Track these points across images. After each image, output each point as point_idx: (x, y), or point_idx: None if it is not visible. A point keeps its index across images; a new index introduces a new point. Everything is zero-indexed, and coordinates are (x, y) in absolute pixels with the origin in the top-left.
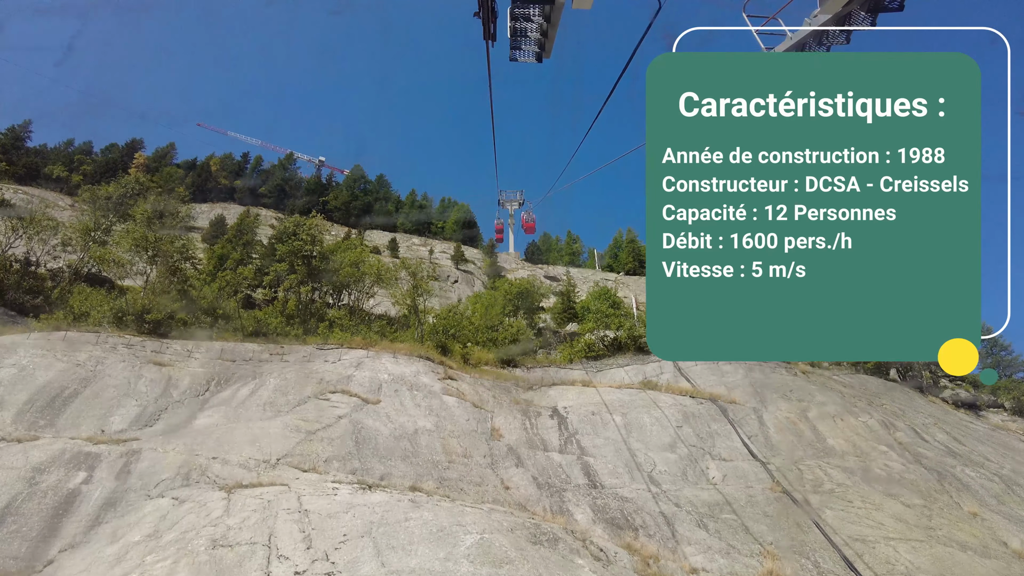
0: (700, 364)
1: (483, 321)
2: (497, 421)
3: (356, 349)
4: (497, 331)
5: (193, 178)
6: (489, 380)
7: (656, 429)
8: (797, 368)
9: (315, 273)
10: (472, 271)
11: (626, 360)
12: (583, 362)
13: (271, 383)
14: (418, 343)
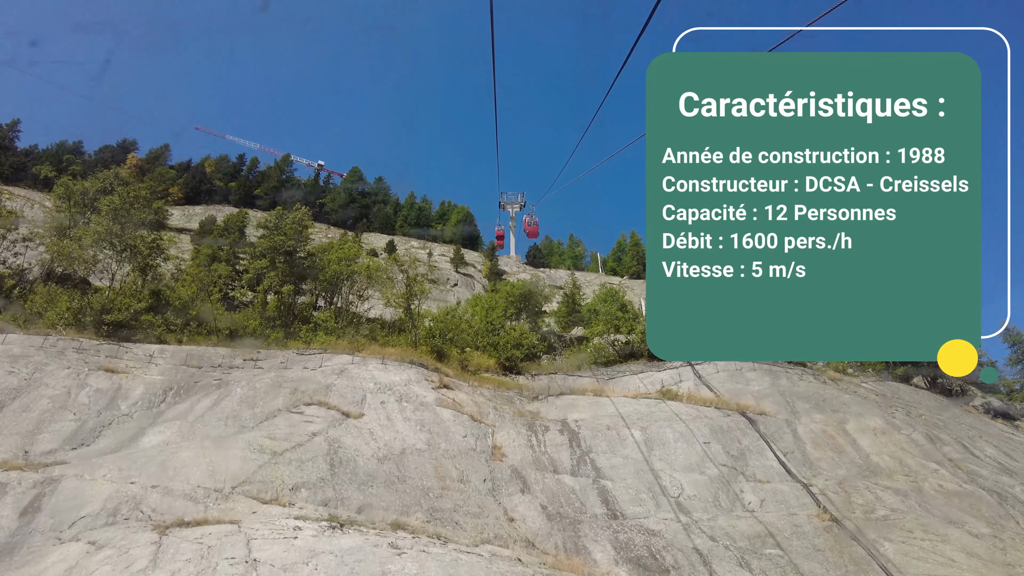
0: (722, 371)
1: (483, 324)
2: (499, 437)
3: (340, 354)
4: (498, 335)
5: (187, 180)
6: (489, 389)
7: (681, 446)
8: (825, 375)
9: (299, 271)
10: (472, 274)
11: (639, 367)
12: (593, 369)
13: (238, 393)
14: (411, 348)
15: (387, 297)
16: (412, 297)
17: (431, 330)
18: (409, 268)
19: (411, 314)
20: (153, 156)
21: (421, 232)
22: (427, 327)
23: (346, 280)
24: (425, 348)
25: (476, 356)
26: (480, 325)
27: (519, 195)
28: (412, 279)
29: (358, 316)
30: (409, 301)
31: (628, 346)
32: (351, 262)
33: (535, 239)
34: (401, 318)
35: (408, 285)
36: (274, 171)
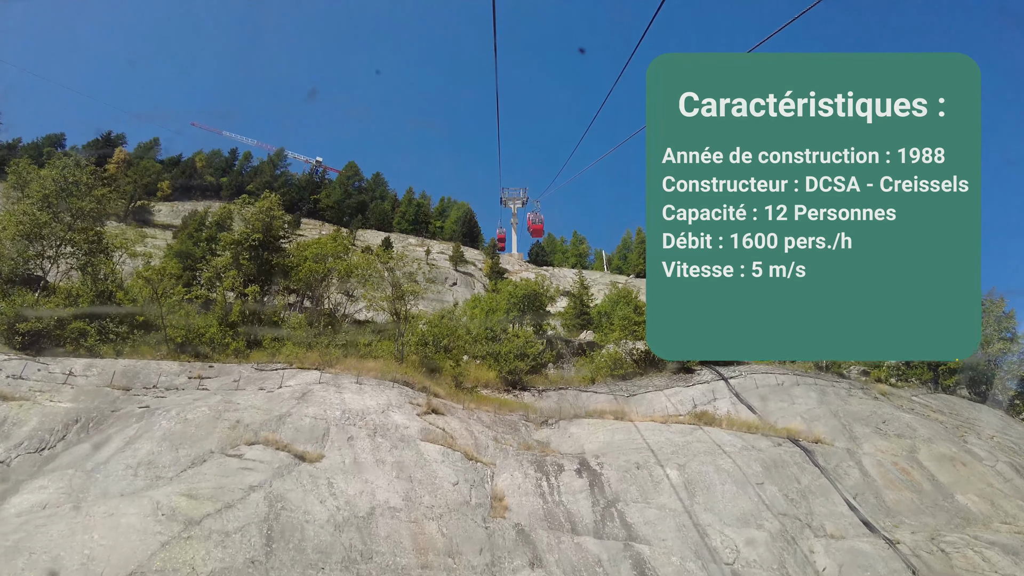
0: (762, 386)
1: (482, 329)
2: (501, 481)
3: (308, 370)
4: (500, 341)
5: (177, 175)
6: (489, 412)
7: (729, 488)
8: (875, 389)
9: (267, 270)
10: (472, 273)
11: (663, 380)
12: (608, 382)
13: (162, 427)
14: (396, 362)
15: (369, 299)
16: (400, 300)
17: (424, 335)
18: (396, 265)
19: (399, 320)
20: (142, 151)
21: (419, 229)
22: (421, 331)
23: (322, 280)
24: (415, 359)
25: (474, 369)
26: (479, 331)
27: (521, 191)
28: (399, 279)
29: (337, 321)
30: (396, 305)
31: (648, 355)
32: (330, 260)
33: (539, 238)
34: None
35: (395, 286)
36: (267, 166)
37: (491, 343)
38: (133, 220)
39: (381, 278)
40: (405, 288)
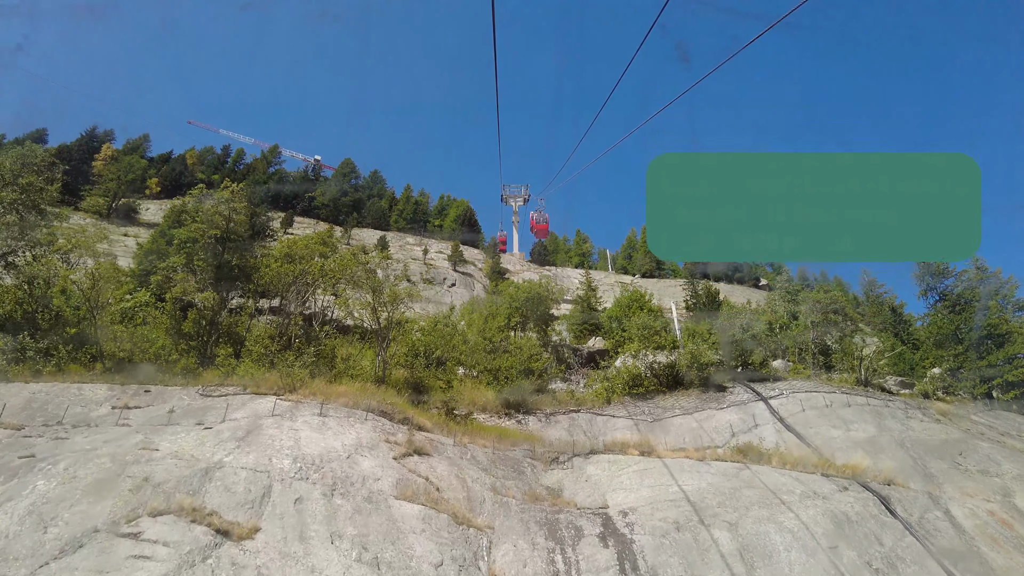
0: (808, 408)
1: (481, 337)
2: (500, 557)
3: (264, 396)
4: (501, 352)
5: (167, 172)
6: (487, 446)
7: (797, 557)
8: (933, 409)
9: (228, 272)
10: (472, 273)
11: (692, 401)
12: (627, 402)
13: (36, 490)
14: (375, 383)
15: (344, 306)
16: (383, 306)
17: (415, 345)
18: (378, 266)
19: (381, 332)
20: (131, 147)
21: (417, 228)
22: (412, 341)
23: (292, 284)
24: (401, 375)
25: (469, 387)
26: (477, 340)
27: (522, 187)
28: (380, 283)
29: (315, 331)
30: (379, 312)
31: (673, 371)
32: (305, 260)
33: (543, 239)
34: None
35: (376, 291)
36: (260, 163)
37: (490, 356)
38: (116, 218)
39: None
40: (389, 293)
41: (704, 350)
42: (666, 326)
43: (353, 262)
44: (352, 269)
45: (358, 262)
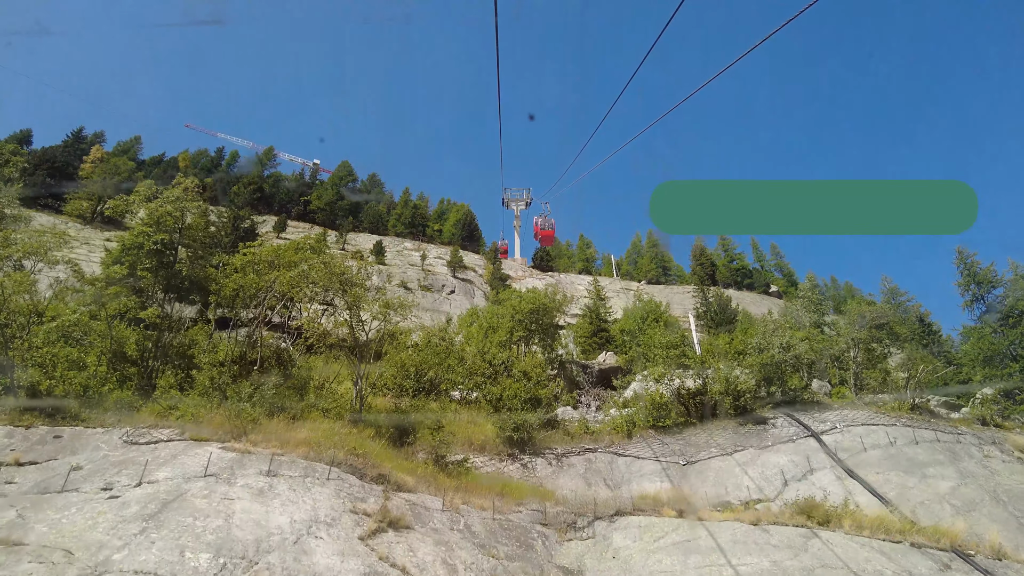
0: (871, 447)
1: (481, 358)
2: None
3: (204, 443)
4: (501, 373)
5: (157, 175)
6: (485, 511)
7: None
8: (1009, 444)
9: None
10: (472, 279)
11: (728, 436)
12: (650, 436)
13: None
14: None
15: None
16: (359, 326)
17: (404, 365)
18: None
19: (358, 348)
20: (122, 149)
21: (416, 232)
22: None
23: (254, 298)
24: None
25: (465, 419)
26: (474, 360)
27: (524, 191)
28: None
29: (285, 355)
30: (356, 331)
31: (703, 397)
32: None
33: (548, 245)
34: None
35: (352, 306)
36: (255, 166)
37: (490, 380)
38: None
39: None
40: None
41: (740, 374)
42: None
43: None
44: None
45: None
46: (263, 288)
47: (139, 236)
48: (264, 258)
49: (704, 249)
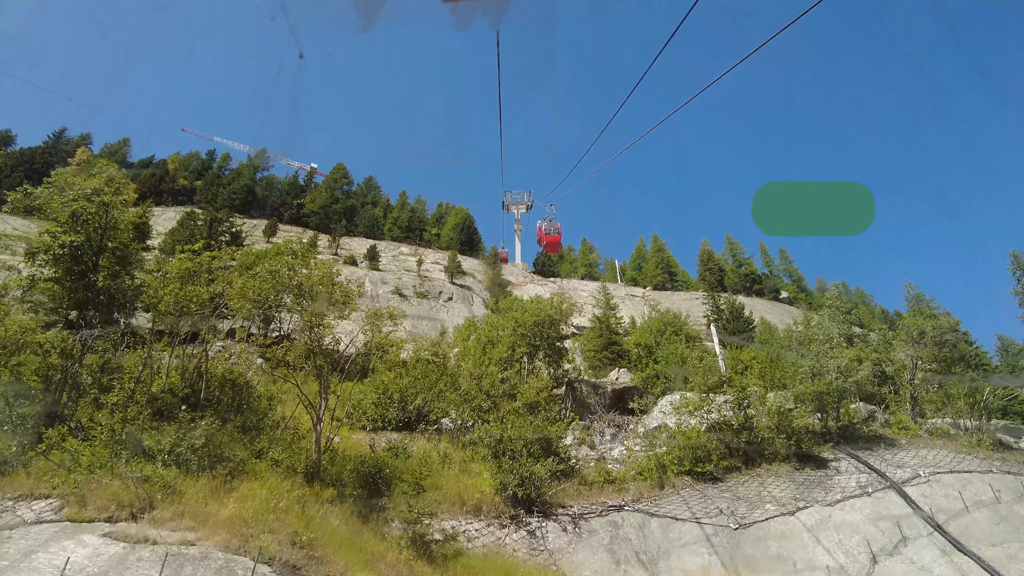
0: (967, 500)
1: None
2: None
3: (83, 527)
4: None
5: (145, 178)
6: None
7: None
8: None
9: (92, 299)
10: (471, 286)
11: (782, 485)
12: (687, 486)
13: None
14: (301, 478)
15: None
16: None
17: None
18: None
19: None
20: (109, 151)
21: (413, 237)
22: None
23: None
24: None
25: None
26: (470, 386)
27: (525, 194)
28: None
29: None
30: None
31: (748, 432)
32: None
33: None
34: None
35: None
36: (246, 168)
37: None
38: None
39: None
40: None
41: (794, 407)
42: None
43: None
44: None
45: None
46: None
47: (45, 240)
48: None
49: (711, 254)
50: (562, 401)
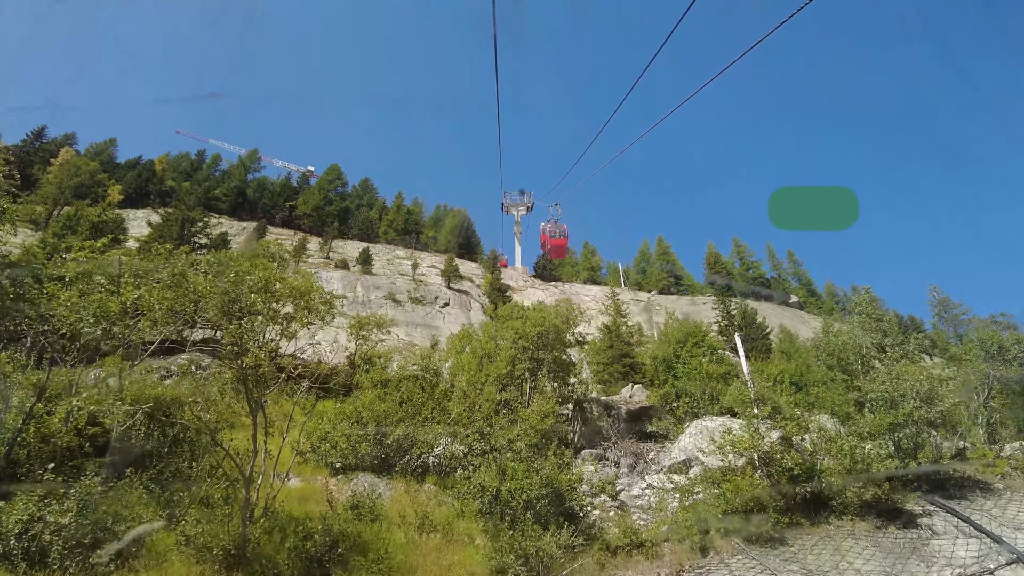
0: None
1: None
2: None
3: None
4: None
5: (131, 179)
6: None
7: None
8: None
9: None
10: (468, 290)
11: (861, 549)
12: (736, 551)
13: None
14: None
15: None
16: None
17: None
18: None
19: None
20: (95, 151)
21: (409, 240)
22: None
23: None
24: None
25: (436, 544)
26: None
27: (525, 195)
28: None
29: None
30: (250, 385)
31: (806, 479)
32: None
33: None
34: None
35: (236, 352)
36: (237, 169)
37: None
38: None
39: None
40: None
41: (868, 447)
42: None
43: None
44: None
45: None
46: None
47: None
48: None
49: (719, 257)
50: (569, 422)
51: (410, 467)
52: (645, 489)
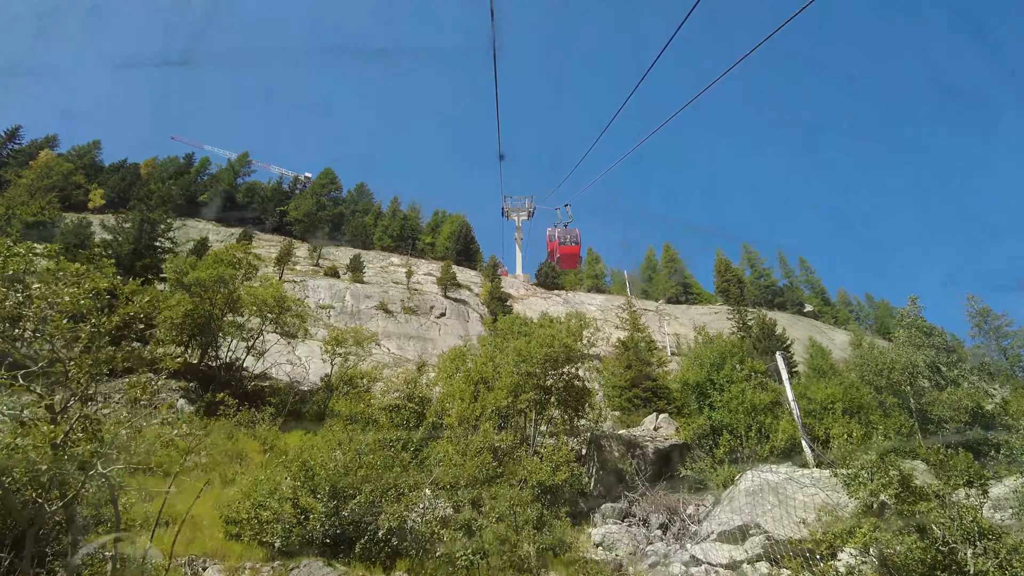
0: None
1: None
2: None
3: None
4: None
5: (115, 183)
6: None
7: None
8: None
9: None
10: (467, 299)
11: None
12: None
13: None
14: None
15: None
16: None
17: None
18: None
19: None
20: (77, 154)
21: (405, 246)
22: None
23: None
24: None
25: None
26: (442, 475)
27: (526, 200)
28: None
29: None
30: None
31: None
32: None
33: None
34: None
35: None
36: (226, 173)
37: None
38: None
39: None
40: None
41: None
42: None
43: None
44: None
45: None
46: None
47: None
48: None
49: (729, 264)
50: (583, 462)
51: (376, 547)
52: (691, 567)
